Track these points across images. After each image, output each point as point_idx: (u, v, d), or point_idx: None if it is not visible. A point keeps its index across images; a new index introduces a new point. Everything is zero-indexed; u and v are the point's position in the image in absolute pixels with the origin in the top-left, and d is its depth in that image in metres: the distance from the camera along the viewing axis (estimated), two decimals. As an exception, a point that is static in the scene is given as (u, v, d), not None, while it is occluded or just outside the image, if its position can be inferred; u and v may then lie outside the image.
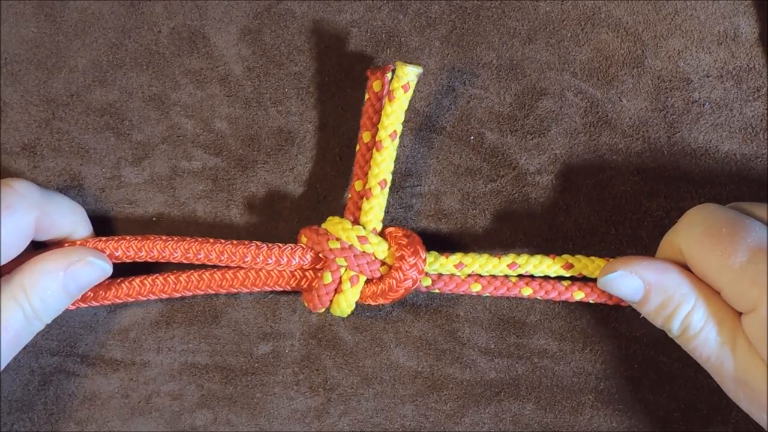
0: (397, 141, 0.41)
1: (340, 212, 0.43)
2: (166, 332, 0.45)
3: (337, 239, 0.41)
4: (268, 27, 0.44)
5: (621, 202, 0.44)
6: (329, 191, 0.44)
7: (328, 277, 0.41)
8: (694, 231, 0.38)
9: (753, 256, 0.36)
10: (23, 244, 0.40)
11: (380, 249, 0.41)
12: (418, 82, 0.41)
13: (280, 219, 0.44)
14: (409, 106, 0.43)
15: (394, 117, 0.40)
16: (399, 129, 0.41)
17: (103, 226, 0.44)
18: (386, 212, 0.43)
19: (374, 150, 0.41)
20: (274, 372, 0.45)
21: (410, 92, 0.40)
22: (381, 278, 0.41)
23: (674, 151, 0.43)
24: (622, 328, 0.44)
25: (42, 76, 0.44)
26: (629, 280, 0.39)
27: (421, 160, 0.44)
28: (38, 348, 0.45)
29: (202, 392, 0.45)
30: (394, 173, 0.42)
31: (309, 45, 0.44)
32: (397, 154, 0.44)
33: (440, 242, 0.44)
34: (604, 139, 0.44)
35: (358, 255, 0.41)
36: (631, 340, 0.44)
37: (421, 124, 0.44)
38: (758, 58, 0.43)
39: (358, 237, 0.41)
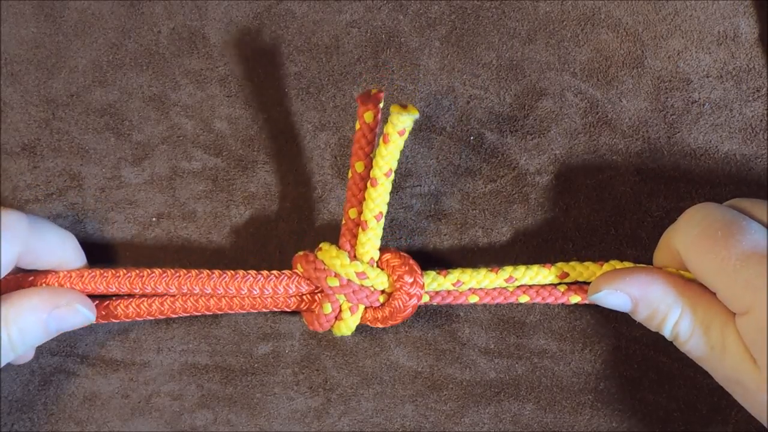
0: (392, 177, 0.40)
1: (339, 213, 0.43)
2: (166, 332, 0.45)
3: (336, 275, 0.40)
4: (268, 27, 0.44)
5: (621, 202, 0.44)
6: (329, 191, 0.44)
7: (327, 308, 0.41)
8: (691, 232, 0.38)
9: (747, 259, 0.36)
10: (2, 274, 0.40)
11: (379, 281, 0.41)
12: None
13: (280, 219, 0.44)
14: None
15: (389, 158, 0.39)
16: (394, 166, 0.39)
17: (104, 226, 0.44)
18: (386, 212, 0.43)
19: (369, 185, 0.40)
20: (274, 372, 0.45)
21: (406, 135, 0.38)
22: (381, 306, 0.41)
23: (674, 151, 0.43)
24: (622, 328, 0.44)
25: (42, 77, 0.44)
26: (615, 297, 0.40)
27: (421, 161, 0.44)
28: (38, 348, 0.45)
29: (202, 392, 0.45)
30: (394, 173, 0.42)
31: (309, 45, 0.44)
32: (397, 155, 0.44)
33: (440, 243, 0.44)
34: (603, 140, 0.44)
35: (357, 290, 0.41)
36: (631, 340, 0.44)
37: (421, 125, 0.44)
38: (758, 59, 0.43)
39: (357, 273, 0.41)
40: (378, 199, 0.40)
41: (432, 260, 0.44)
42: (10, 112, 0.44)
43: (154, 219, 0.44)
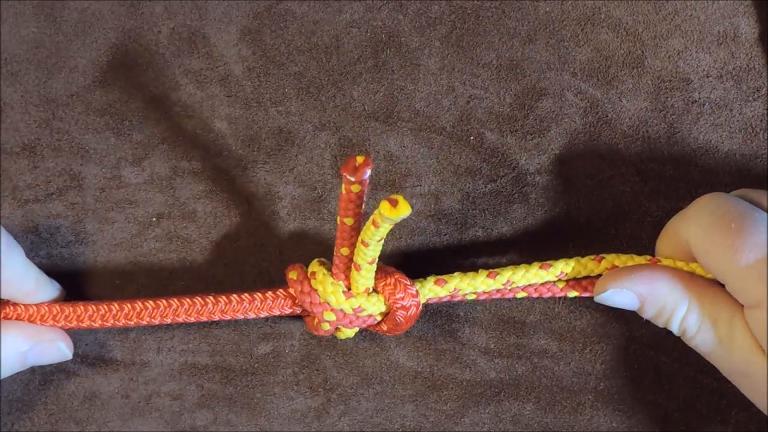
0: (383, 240, 0.38)
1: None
2: (166, 332, 0.45)
3: (332, 310, 0.40)
4: (268, 27, 0.44)
5: (621, 202, 0.44)
6: (329, 191, 0.44)
7: (326, 326, 0.41)
8: (703, 223, 0.38)
9: (760, 253, 0.36)
10: None
11: (376, 308, 0.41)
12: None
13: (279, 219, 0.44)
14: (409, 106, 0.44)
15: (380, 235, 0.37)
16: (385, 235, 0.37)
17: (104, 226, 0.44)
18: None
19: (361, 244, 0.38)
20: (274, 372, 0.45)
21: (396, 222, 0.36)
22: (378, 324, 0.41)
23: (674, 151, 0.43)
24: (622, 327, 0.44)
25: (42, 76, 0.44)
26: (622, 296, 0.40)
27: (421, 161, 0.44)
28: (38, 348, 0.45)
29: (202, 392, 0.45)
30: (394, 173, 0.42)
31: (309, 45, 0.44)
32: (397, 154, 0.44)
33: (440, 243, 0.44)
34: (603, 140, 0.44)
35: (354, 320, 0.41)
36: (630, 340, 0.44)
37: (421, 124, 0.44)
38: (758, 59, 0.43)
39: (354, 309, 0.40)
40: (370, 253, 0.38)
41: (432, 260, 0.44)
42: (10, 111, 0.44)
43: (154, 219, 0.44)
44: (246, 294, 0.42)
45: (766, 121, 0.43)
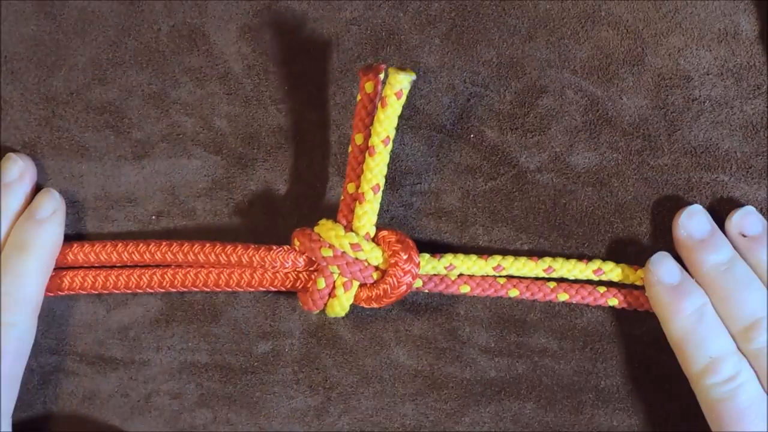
0: (390, 146, 0.40)
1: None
2: (165, 331, 0.45)
3: (330, 246, 0.40)
4: (268, 25, 0.44)
5: (621, 201, 0.44)
6: (329, 189, 0.44)
7: (321, 283, 0.41)
8: None
9: None
10: None
11: (373, 255, 0.41)
12: (414, 84, 0.41)
13: (279, 217, 0.44)
14: (408, 104, 0.44)
15: (386, 123, 0.40)
16: (392, 134, 0.40)
17: (103, 224, 0.44)
18: (386, 211, 0.44)
19: (367, 155, 0.40)
20: (273, 371, 0.44)
21: (403, 98, 0.40)
22: (375, 283, 0.41)
23: (674, 149, 0.43)
24: (623, 326, 0.44)
25: (42, 74, 0.44)
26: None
27: (421, 158, 0.44)
28: (37, 347, 0.44)
29: (202, 391, 0.45)
30: (394, 171, 0.42)
31: (309, 43, 0.44)
32: (397, 152, 0.44)
33: (440, 241, 0.44)
34: (604, 137, 0.44)
35: (351, 262, 0.41)
36: (631, 339, 0.44)
37: (421, 122, 0.44)
38: (758, 56, 0.43)
39: (351, 244, 0.40)
40: (375, 169, 0.40)
41: (432, 258, 0.44)
42: (10, 110, 0.44)
43: (153, 217, 0.44)
44: (252, 245, 0.42)
45: (767, 119, 0.43)
